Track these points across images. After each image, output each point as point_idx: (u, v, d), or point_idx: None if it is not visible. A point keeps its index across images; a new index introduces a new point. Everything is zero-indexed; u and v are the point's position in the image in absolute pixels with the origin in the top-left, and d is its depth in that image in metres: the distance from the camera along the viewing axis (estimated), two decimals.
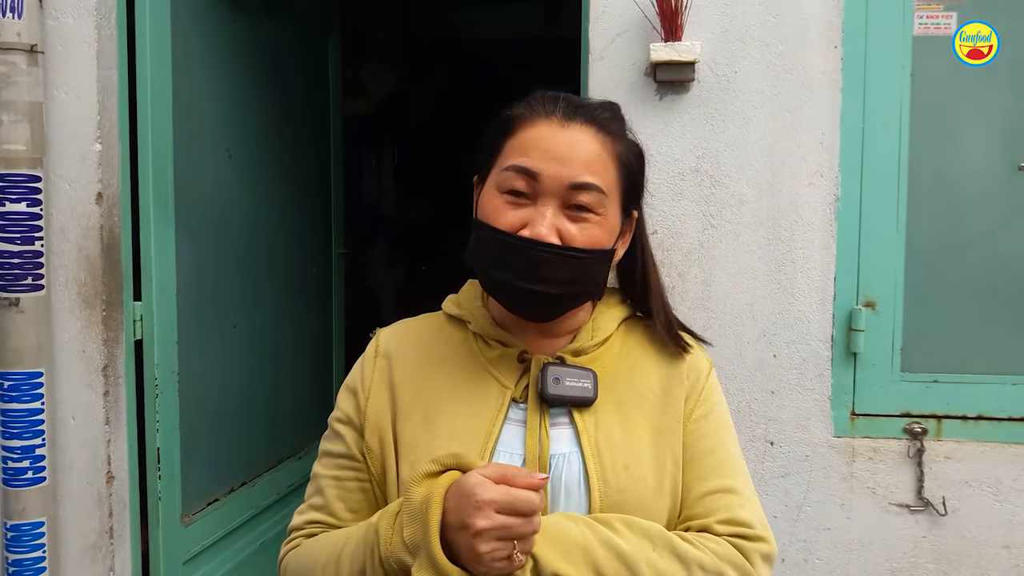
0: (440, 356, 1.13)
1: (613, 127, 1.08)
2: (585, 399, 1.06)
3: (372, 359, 1.15)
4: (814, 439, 2.04)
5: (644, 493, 1.04)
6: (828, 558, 2.06)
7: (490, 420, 1.06)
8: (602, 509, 1.02)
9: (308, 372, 2.84)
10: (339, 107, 3.00)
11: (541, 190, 1.02)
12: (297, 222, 2.71)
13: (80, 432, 2.02)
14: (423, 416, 1.08)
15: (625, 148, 1.09)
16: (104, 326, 2.01)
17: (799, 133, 2.01)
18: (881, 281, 2.03)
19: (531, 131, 1.04)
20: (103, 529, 2.04)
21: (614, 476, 1.04)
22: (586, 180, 1.02)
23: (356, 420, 1.12)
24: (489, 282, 1.08)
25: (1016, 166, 2.01)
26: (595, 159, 1.04)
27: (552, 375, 1.06)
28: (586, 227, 1.03)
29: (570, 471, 1.04)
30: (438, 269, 5.26)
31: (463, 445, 1.04)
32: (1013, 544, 2.01)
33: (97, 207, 1.99)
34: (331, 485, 1.12)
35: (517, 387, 1.08)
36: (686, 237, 2.04)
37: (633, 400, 1.09)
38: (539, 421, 1.06)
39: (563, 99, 1.08)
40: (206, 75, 2.23)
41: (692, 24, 1.97)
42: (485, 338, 1.12)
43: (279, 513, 2.61)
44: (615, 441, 1.06)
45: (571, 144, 1.03)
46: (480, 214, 1.07)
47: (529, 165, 1.02)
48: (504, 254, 1.02)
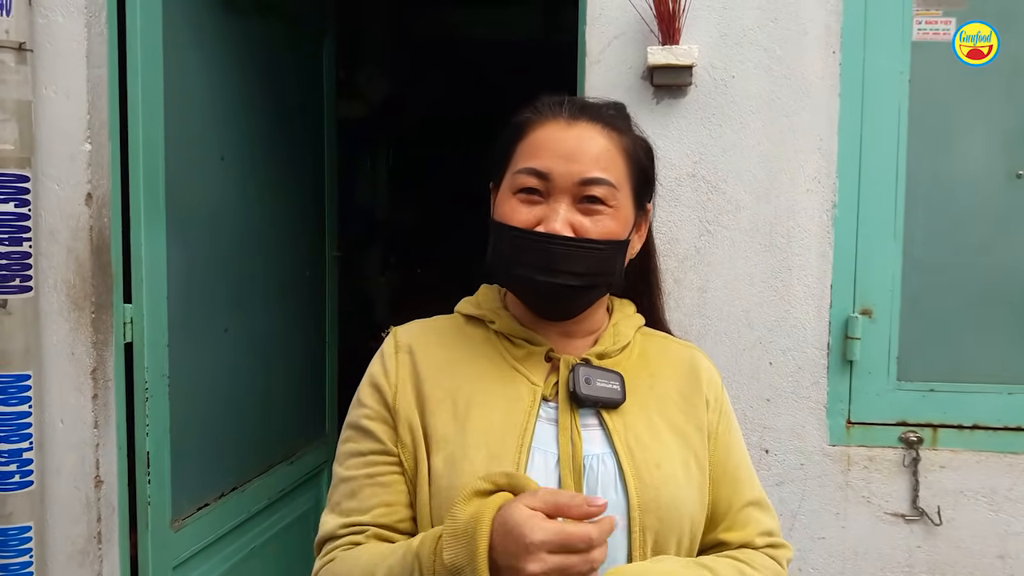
0: (465, 353, 1.14)
1: (619, 123, 1.12)
2: (614, 400, 1.09)
3: (393, 354, 1.15)
4: (809, 447, 2.03)
5: (677, 491, 1.07)
6: (823, 567, 2.04)
7: (524, 416, 1.07)
8: (639, 507, 1.04)
9: (301, 376, 2.82)
10: (333, 109, 2.98)
11: (553, 188, 1.06)
12: (290, 224, 2.69)
13: (68, 436, 2.00)
14: (452, 410, 1.08)
15: (632, 142, 1.13)
16: (93, 328, 1.99)
17: (796, 139, 2.00)
18: (878, 289, 2.01)
19: (539, 133, 1.09)
20: (91, 534, 2.01)
21: (648, 474, 1.06)
22: (595, 175, 1.06)
23: (387, 415, 1.11)
24: (510, 279, 1.11)
25: (1014, 174, 2.00)
26: (603, 154, 1.08)
27: (583, 375, 1.08)
28: (599, 219, 1.07)
29: (606, 472, 1.06)
30: (433, 272, 5.25)
31: (497, 440, 1.05)
32: (1008, 554, 2.00)
33: (86, 208, 1.97)
34: (366, 484, 1.09)
35: (546, 385, 1.10)
36: (682, 243, 2.02)
37: (656, 404, 1.13)
38: (570, 420, 1.08)
39: (568, 101, 1.12)
40: (198, 75, 2.21)
41: (690, 28, 1.96)
42: (511, 337, 1.14)
43: (270, 518, 2.59)
44: (644, 442, 1.08)
45: (578, 141, 1.07)
46: (497, 216, 1.11)
47: (539, 165, 1.06)
48: (522, 250, 1.06)
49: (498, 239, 1.09)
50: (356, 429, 1.13)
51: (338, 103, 3.06)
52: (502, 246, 1.08)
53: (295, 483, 2.72)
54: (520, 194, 1.07)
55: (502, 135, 1.15)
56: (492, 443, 1.04)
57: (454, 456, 1.04)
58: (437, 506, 1.05)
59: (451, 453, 1.05)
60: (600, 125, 1.09)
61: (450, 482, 1.04)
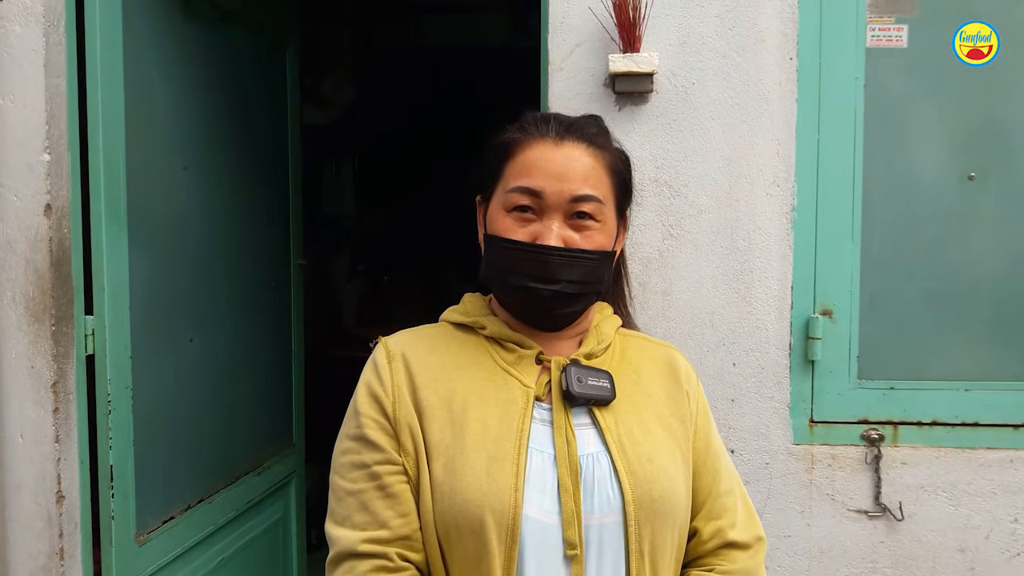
0: (457, 359, 1.18)
1: (601, 140, 1.19)
2: (605, 398, 1.14)
3: (387, 363, 1.17)
4: (774, 447, 2.06)
5: (668, 485, 1.12)
6: (789, 565, 2.07)
7: (519, 418, 1.11)
8: (634, 502, 1.08)
9: (267, 385, 2.80)
10: (298, 116, 2.97)
11: (546, 205, 1.13)
12: (255, 233, 2.67)
13: (29, 450, 1.97)
14: (449, 417, 1.11)
15: (614, 158, 1.20)
16: (54, 341, 1.96)
17: (755, 144, 2.03)
18: (837, 289, 2.05)
19: (529, 153, 1.15)
20: (53, 550, 1.98)
21: (640, 469, 1.11)
22: (585, 192, 1.13)
23: (387, 424, 1.13)
24: (508, 289, 1.16)
25: (966, 175, 2.05)
26: (590, 172, 1.15)
27: (575, 375, 1.13)
28: (588, 234, 1.14)
29: (601, 470, 1.10)
30: (401, 280, 5.23)
31: (495, 443, 1.08)
32: (968, 547, 2.05)
33: (46, 219, 1.95)
34: (376, 497, 1.10)
35: (539, 385, 1.15)
36: (646, 247, 2.05)
37: (642, 400, 1.18)
38: (565, 419, 1.12)
39: (554, 119, 1.19)
40: (160, 83, 2.19)
41: (650, 35, 1.99)
42: (501, 342, 1.19)
43: (238, 529, 2.56)
44: (636, 436, 1.13)
45: (567, 161, 1.14)
46: (491, 231, 1.17)
47: (532, 185, 1.13)
48: (521, 262, 1.13)
49: (494, 252, 1.16)
50: (357, 440, 1.14)
51: (303, 110, 3.05)
52: (499, 259, 1.15)
53: (263, 494, 2.70)
54: (515, 212, 1.14)
55: (488, 152, 1.21)
56: (491, 446, 1.08)
57: (454, 461, 1.08)
58: (440, 511, 1.07)
59: (451, 458, 1.08)
60: (585, 144, 1.16)
61: (451, 487, 1.07)
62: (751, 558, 1.20)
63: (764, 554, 1.23)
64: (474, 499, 1.05)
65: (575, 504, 1.08)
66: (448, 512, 1.06)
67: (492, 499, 1.05)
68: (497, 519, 1.04)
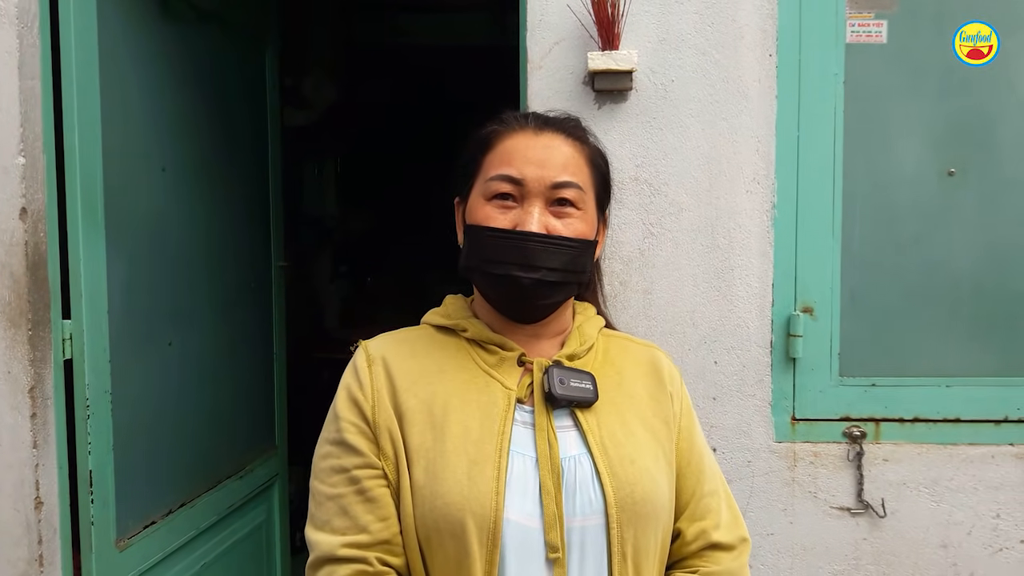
0: (438, 363, 1.16)
1: (580, 133, 1.20)
2: (587, 399, 1.13)
3: (367, 367, 1.16)
4: (756, 445, 2.06)
5: (651, 487, 1.11)
6: (772, 563, 2.07)
7: (500, 420, 1.10)
8: (616, 504, 1.08)
9: (249, 388, 2.78)
10: (278, 117, 2.95)
11: (526, 192, 1.13)
12: (235, 235, 2.65)
13: (6, 456, 1.94)
14: (430, 420, 1.10)
15: (593, 151, 1.21)
16: (31, 346, 1.94)
17: (735, 141, 2.03)
18: (818, 287, 2.06)
19: (508, 142, 1.15)
20: (32, 557, 1.96)
21: (623, 471, 1.10)
22: (565, 179, 1.13)
23: (366, 428, 1.12)
24: (488, 278, 1.14)
25: (946, 172, 2.06)
26: (570, 160, 1.15)
27: (557, 376, 1.12)
28: (569, 221, 1.14)
29: (583, 472, 1.10)
30: (383, 281, 5.21)
31: (476, 446, 1.08)
32: (950, 543, 2.06)
33: (21, 223, 1.92)
34: (356, 501, 1.09)
35: (520, 387, 1.14)
36: (627, 245, 2.04)
37: (625, 401, 1.18)
38: (547, 421, 1.11)
39: (532, 114, 1.20)
40: (137, 85, 2.17)
41: (629, 33, 1.98)
42: (483, 344, 1.18)
43: (221, 533, 2.55)
44: (618, 438, 1.13)
45: (547, 148, 1.14)
46: (471, 221, 1.16)
47: (512, 172, 1.13)
48: (502, 249, 1.11)
49: (475, 241, 1.14)
50: (337, 444, 1.13)
51: (283, 111, 3.03)
52: (480, 247, 1.13)
53: (245, 497, 2.68)
54: (495, 200, 1.13)
55: (467, 149, 1.21)
56: (471, 449, 1.07)
57: (435, 464, 1.07)
58: (420, 515, 1.06)
59: (431, 462, 1.07)
60: (564, 135, 1.17)
61: (432, 490, 1.06)
62: (735, 559, 1.20)
63: (748, 555, 1.23)
64: (455, 503, 1.05)
65: (557, 507, 1.07)
66: (429, 516, 1.06)
67: (473, 503, 1.04)
68: (478, 523, 1.04)
